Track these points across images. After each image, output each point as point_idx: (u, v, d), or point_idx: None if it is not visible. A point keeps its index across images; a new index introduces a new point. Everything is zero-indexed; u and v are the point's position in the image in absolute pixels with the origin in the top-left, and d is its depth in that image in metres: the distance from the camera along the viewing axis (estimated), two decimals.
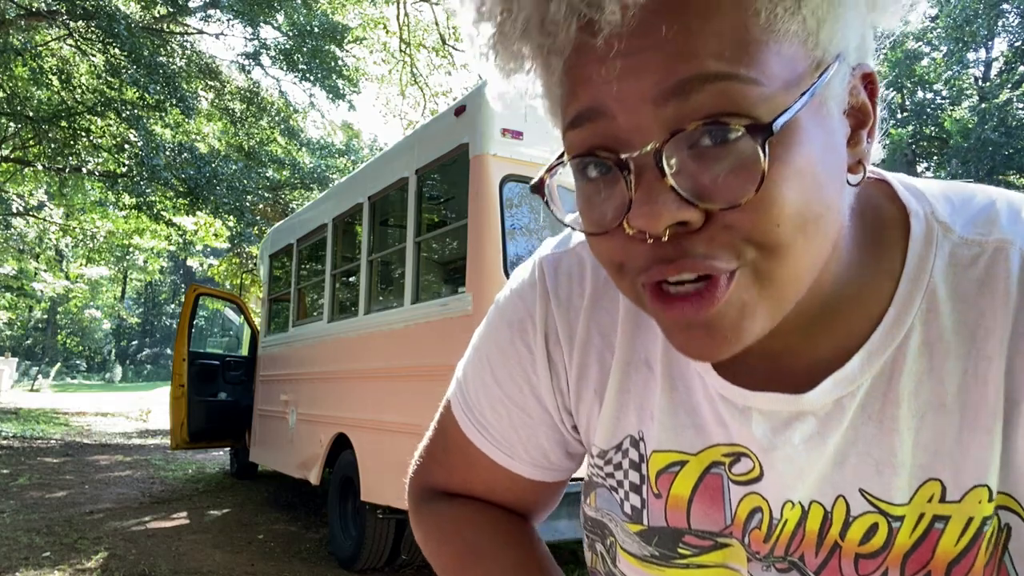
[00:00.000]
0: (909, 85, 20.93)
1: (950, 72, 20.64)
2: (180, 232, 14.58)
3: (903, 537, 0.47)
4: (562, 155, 0.44)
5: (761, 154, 0.37)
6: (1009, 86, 18.16)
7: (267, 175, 14.15)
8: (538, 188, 0.45)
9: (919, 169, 21.37)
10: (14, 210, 16.56)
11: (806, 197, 0.39)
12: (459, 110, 3.78)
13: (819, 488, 0.50)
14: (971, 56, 21.27)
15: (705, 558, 0.55)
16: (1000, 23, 19.90)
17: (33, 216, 17.62)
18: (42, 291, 25.54)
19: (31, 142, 13.38)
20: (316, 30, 13.35)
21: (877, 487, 0.48)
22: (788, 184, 0.38)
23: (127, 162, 12.17)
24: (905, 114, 20.90)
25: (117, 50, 10.51)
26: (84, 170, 13.05)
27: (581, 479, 0.66)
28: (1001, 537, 0.45)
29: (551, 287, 0.61)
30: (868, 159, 0.44)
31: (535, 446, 0.64)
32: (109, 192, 13.45)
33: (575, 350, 0.61)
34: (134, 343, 51.84)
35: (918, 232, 0.48)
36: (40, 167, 13.49)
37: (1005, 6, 19.26)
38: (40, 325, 43.01)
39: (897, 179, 0.51)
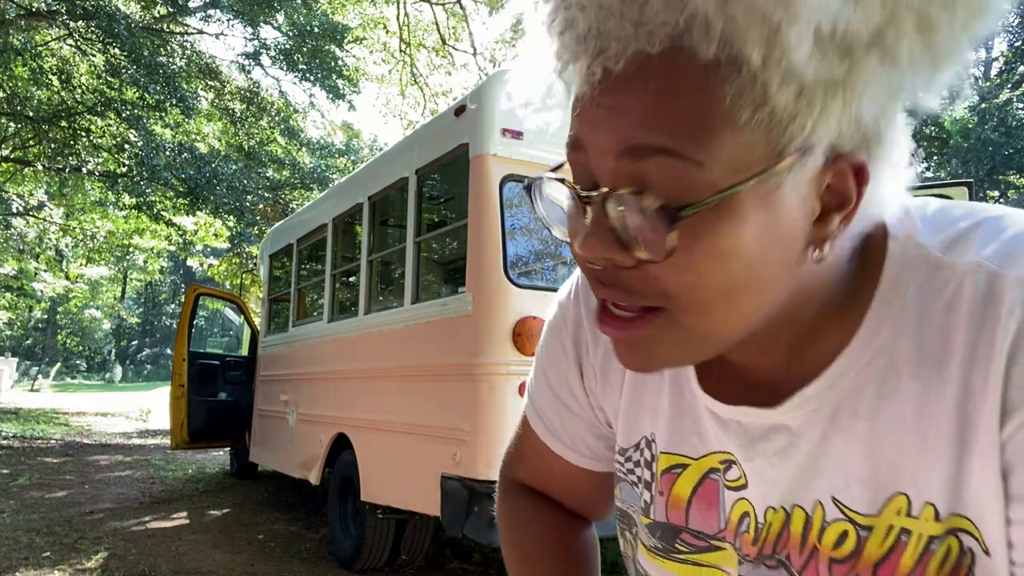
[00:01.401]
0: None
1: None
2: (180, 232, 14.57)
3: (873, 546, 0.49)
4: (560, 166, 0.49)
5: (666, 233, 0.41)
6: (1009, 86, 18.16)
7: (267, 175, 14.15)
8: (528, 190, 0.50)
9: (919, 169, 21.36)
10: (14, 210, 16.56)
11: (729, 274, 0.42)
12: (459, 110, 3.78)
13: (798, 493, 0.53)
14: (971, 56, 21.25)
15: (699, 557, 0.59)
16: (1000, 23, 19.87)
17: (33, 216, 17.62)
18: (42, 291, 25.54)
19: (31, 142, 13.38)
20: (316, 30, 13.34)
21: (847, 497, 0.50)
22: (705, 260, 0.41)
23: (127, 162, 12.17)
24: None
25: (117, 50, 10.50)
26: (84, 170, 13.05)
27: None
28: (965, 560, 0.46)
29: (582, 292, 0.68)
30: (836, 240, 0.45)
31: (579, 438, 0.71)
32: (109, 192, 13.44)
33: (599, 353, 0.67)
34: (134, 343, 51.83)
35: (895, 255, 0.48)
36: (40, 167, 13.50)
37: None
38: (40, 325, 43.00)
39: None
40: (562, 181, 0.47)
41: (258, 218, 13.68)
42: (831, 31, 0.37)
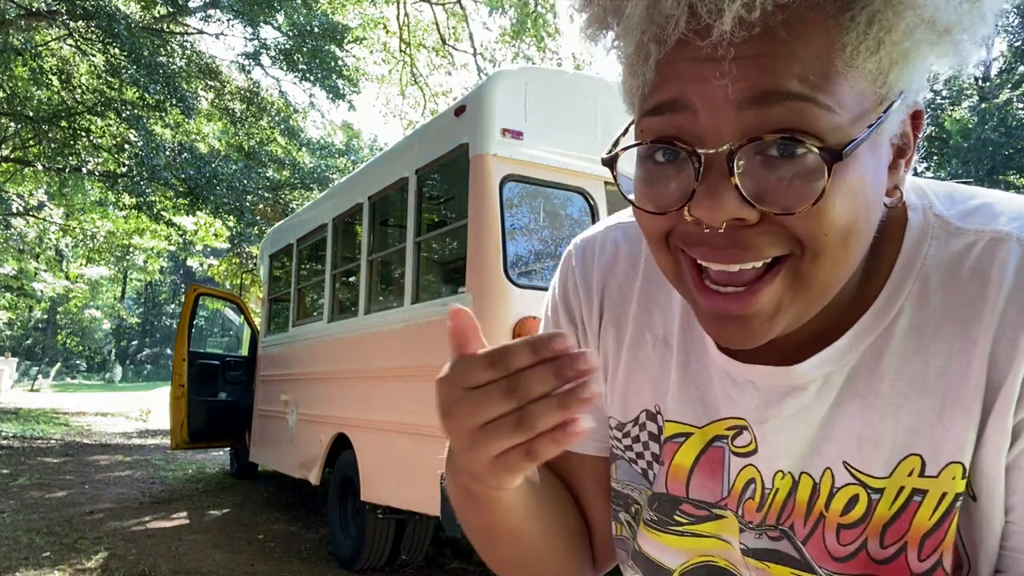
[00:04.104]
0: None
1: (950, 72, 20.59)
2: (180, 232, 14.57)
3: (883, 509, 0.49)
4: (627, 129, 0.48)
5: (827, 174, 0.40)
6: (1009, 86, 18.15)
7: (267, 175, 14.14)
8: (611, 163, 0.48)
9: (919, 169, 21.35)
10: (14, 210, 16.56)
11: (854, 213, 0.43)
12: (459, 110, 3.78)
13: (807, 460, 0.52)
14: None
15: (700, 527, 0.57)
16: (1000, 23, 19.86)
17: (33, 216, 17.61)
18: (42, 291, 25.53)
19: (31, 142, 13.38)
20: (316, 30, 13.33)
21: (858, 460, 0.50)
22: (841, 201, 0.42)
23: (127, 162, 12.16)
24: None
25: (117, 50, 10.50)
26: (84, 170, 13.04)
27: None
28: (956, 509, 0.48)
29: (575, 264, 0.67)
30: (903, 184, 0.48)
31: None
32: (109, 192, 13.44)
33: (593, 319, 0.65)
34: (134, 343, 51.82)
35: (915, 223, 0.51)
36: (40, 167, 13.49)
37: (1005, 6, 19.24)
38: (40, 325, 42.98)
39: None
40: (672, 143, 0.44)
41: (258, 218, 13.67)
42: None
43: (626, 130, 0.49)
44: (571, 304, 0.67)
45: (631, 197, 0.47)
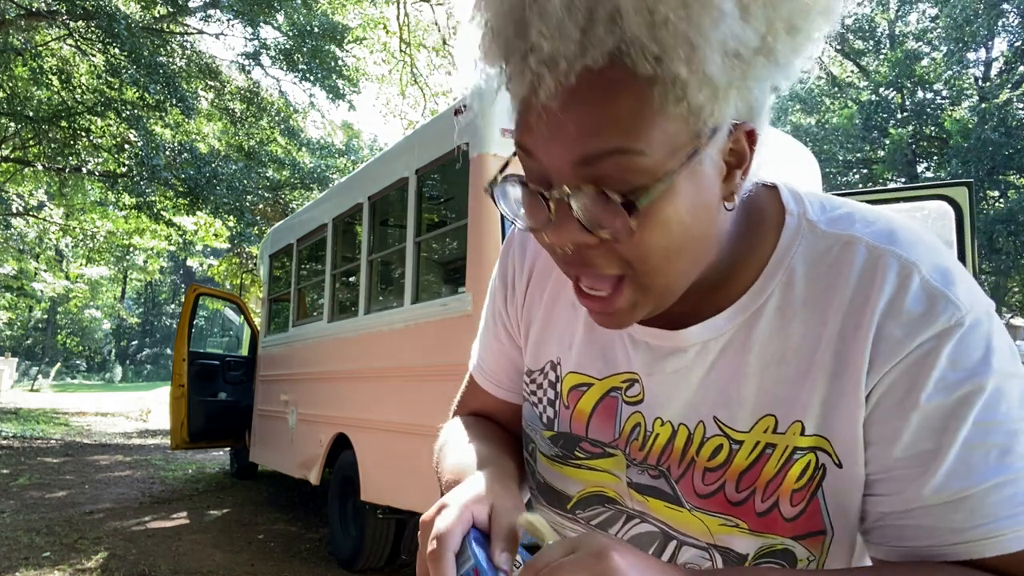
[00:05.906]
0: (909, 85, 20.90)
1: (950, 72, 20.61)
2: (180, 232, 14.56)
3: (740, 458, 0.61)
4: (509, 163, 0.59)
5: (630, 220, 0.50)
6: (1009, 86, 18.14)
7: (267, 175, 14.13)
8: (490, 193, 0.59)
9: (919, 169, 21.33)
10: (14, 210, 16.56)
11: (671, 237, 0.52)
12: (459, 110, 3.77)
13: (685, 413, 0.64)
14: (971, 56, 21.23)
15: (595, 463, 0.71)
16: (1000, 23, 19.87)
17: (33, 216, 17.61)
18: (42, 291, 25.52)
19: (31, 142, 13.37)
20: (316, 30, 13.33)
21: (726, 416, 0.62)
22: (655, 231, 0.51)
23: (127, 162, 12.16)
24: (905, 114, 20.89)
25: (117, 50, 10.49)
26: (84, 170, 13.04)
27: None
28: (817, 475, 0.58)
29: (518, 237, 0.81)
30: (740, 191, 0.56)
31: (505, 372, 0.82)
32: (109, 192, 13.44)
33: (523, 281, 0.79)
34: (134, 343, 51.80)
35: (790, 226, 0.61)
36: (40, 167, 13.49)
37: (1005, 6, 19.24)
38: (40, 325, 42.99)
39: (784, 185, 0.65)
40: (525, 185, 0.55)
41: (258, 218, 13.66)
42: (734, 47, 0.46)
43: (509, 162, 0.58)
44: (507, 267, 0.81)
45: (517, 221, 0.58)
